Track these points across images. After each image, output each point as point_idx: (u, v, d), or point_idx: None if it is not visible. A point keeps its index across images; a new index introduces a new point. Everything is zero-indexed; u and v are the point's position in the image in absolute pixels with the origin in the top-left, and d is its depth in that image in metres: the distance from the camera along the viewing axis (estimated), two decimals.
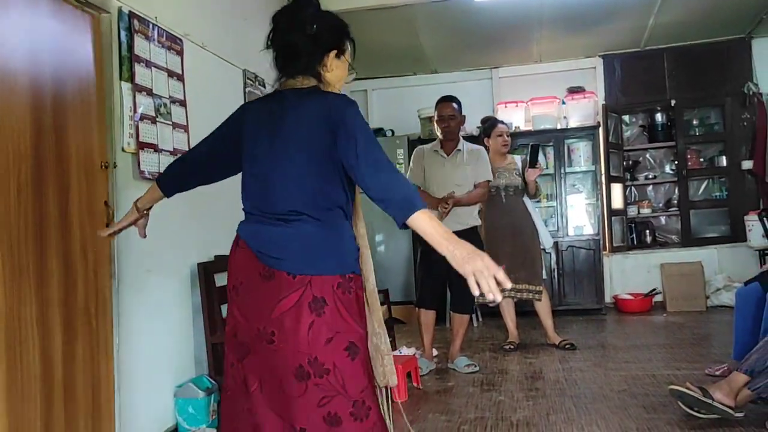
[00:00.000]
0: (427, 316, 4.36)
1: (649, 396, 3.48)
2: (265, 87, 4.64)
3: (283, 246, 1.79)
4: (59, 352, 2.55)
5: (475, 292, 1.58)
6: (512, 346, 4.84)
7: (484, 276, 1.57)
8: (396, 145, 6.46)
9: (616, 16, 5.75)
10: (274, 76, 1.93)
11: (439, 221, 1.74)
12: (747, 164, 6.46)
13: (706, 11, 5.78)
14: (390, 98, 7.11)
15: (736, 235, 6.33)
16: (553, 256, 6.24)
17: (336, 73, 1.93)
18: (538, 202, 5.49)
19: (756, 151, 6.39)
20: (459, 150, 4.33)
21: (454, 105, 4.32)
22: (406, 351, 4.51)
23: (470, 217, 4.31)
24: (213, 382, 3.43)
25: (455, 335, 4.40)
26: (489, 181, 4.38)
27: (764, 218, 4.67)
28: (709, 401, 3.00)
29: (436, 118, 4.39)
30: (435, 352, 4.59)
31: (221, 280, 3.73)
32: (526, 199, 4.88)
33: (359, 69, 2.01)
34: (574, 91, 6.60)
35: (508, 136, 4.90)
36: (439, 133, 4.39)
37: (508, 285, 1.57)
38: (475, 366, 4.27)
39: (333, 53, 1.90)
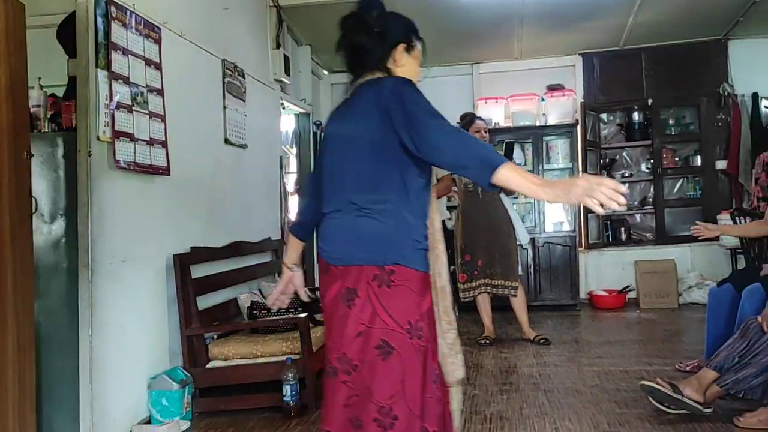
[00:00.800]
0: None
1: (621, 391, 3.52)
2: (244, 77, 4.61)
3: (332, 238, 1.80)
4: None
5: (600, 211, 1.49)
6: (488, 341, 4.87)
7: (595, 192, 1.47)
8: None
9: (596, 14, 5.79)
10: (347, 81, 1.95)
11: (524, 171, 1.64)
12: (721, 164, 6.56)
13: (683, 12, 5.84)
14: None
15: None
16: (530, 252, 6.29)
17: (408, 68, 1.92)
18: (515, 198, 5.51)
19: (730, 151, 6.48)
20: None
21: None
22: None
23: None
24: (187, 374, 3.42)
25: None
26: (451, 174, 4.33)
27: (736, 217, 4.73)
28: (679, 397, 3.05)
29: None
30: None
31: (197, 271, 3.71)
32: (503, 195, 4.90)
33: (341, 62, 2.01)
34: (554, 88, 6.64)
35: (486, 132, 4.92)
36: None
37: (622, 189, 1.48)
38: None
39: (401, 47, 1.90)
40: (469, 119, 4.99)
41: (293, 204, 6.12)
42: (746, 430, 2.84)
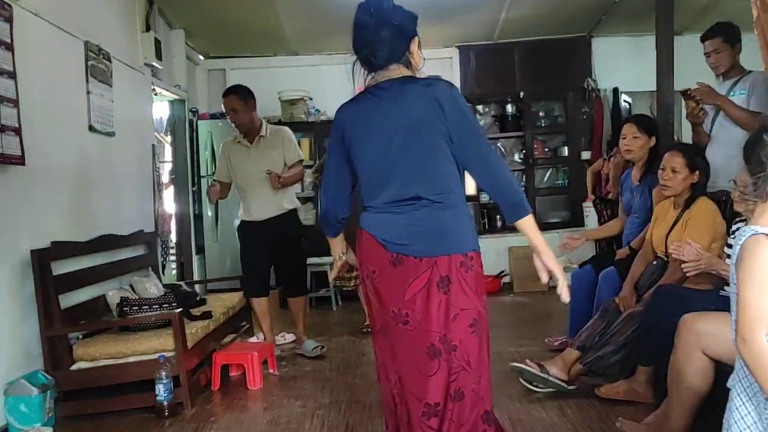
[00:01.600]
0: (261, 304, 4.30)
1: (494, 373, 3.56)
2: (110, 61, 4.34)
3: (407, 232, 1.91)
4: None
5: (544, 280, 1.98)
6: (370, 329, 4.90)
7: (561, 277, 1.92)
8: None
9: (472, 8, 5.94)
10: (366, 75, 2.02)
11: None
12: (585, 154, 6.97)
13: (551, 9, 6.12)
14: (249, 79, 6.79)
15: (576, 220, 6.83)
16: None
17: (416, 58, 2.04)
18: None
19: (593, 142, 6.91)
20: (262, 136, 4.22)
21: (237, 97, 4.14)
22: (288, 337, 4.53)
23: (288, 200, 4.26)
24: (49, 377, 3.19)
25: (297, 320, 4.37)
26: (301, 160, 4.30)
27: (598, 205, 5.06)
28: (546, 376, 3.22)
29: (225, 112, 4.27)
30: (280, 339, 4.57)
31: (60, 268, 3.47)
32: None
33: (218, 47, 1.94)
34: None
35: None
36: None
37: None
38: (323, 347, 4.26)
39: (416, 40, 2.02)
40: None
41: (168, 195, 5.87)
42: (605, 403, 3.04)
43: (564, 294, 1.92)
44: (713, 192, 3.41)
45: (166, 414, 3.21)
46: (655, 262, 3.33)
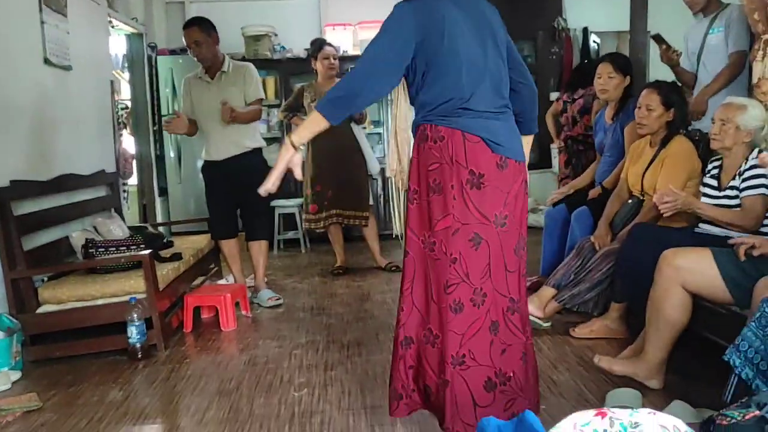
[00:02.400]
0: (229, 246, 4.18)
1: None
2: None
3: (507, 137, 2.00)
4: None
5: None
6: (341, 271, 4.89)
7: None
8: None
9: None
10: None
11: None
12: (554, 95, 6.91)
13: None
14: (211, 13, 6.43)
15: (543, 161, 6.84)
16: (380, 182, 6.34)
17: None
18: (364, 128, 5.49)
19: (562, 82, 6.86)
20: (224, 71, 4.00)
21: (199, 29, 3.90)
22: (231, 280, 4.39)
23: (250, 138, 4.05)
24: (14, 321, 3.09)
25: (256, 265, 4.20)
26: (261, 99, 4.09)
27: (571, 145, 5.05)
28: None
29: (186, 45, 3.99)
30: (250, 282, 4.48)
31: (20, 208, 3.32)
32: (353, 125, 4.82)
33: None
34: None
35: (335, 59, 4.77)
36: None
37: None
38: (279, 299, 4.11)
39: None
40: (317, 45, 4.81)
41: (127, 136, 5.65)
42: (580, 340, 3.10)
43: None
44: (689, 131, 3.43)
45: (139, 356, 3.15)
46: (630, 201, 3.34)
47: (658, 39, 3.82)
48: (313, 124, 1.98)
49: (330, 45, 4.87)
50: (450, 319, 1.94)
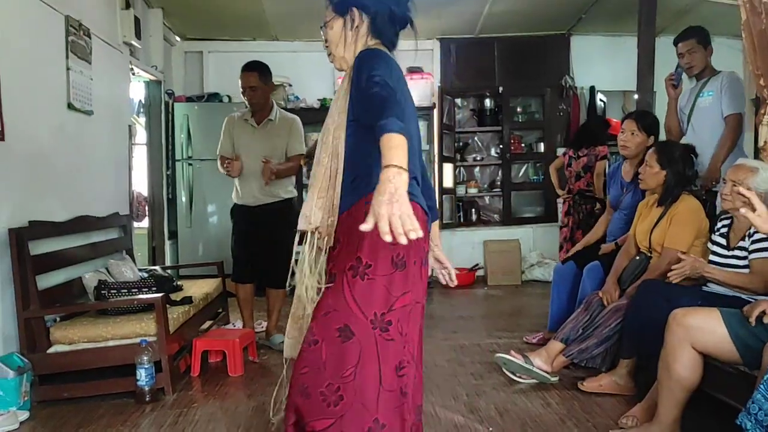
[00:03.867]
0: (246, 290, 4.22)
1: (476, 363, 3.70)
2: (90, 38, 4.21)
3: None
4: None
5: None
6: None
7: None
8: (232, 112, 6.18)
9: (456, 1, 5.95)
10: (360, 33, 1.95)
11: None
12: (561, 151, 7.04)
13: (533, 6, 6.16)
14: (227, 63, 6.79)
15: (549, 215, 6.91)
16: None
17: None
18: None
19: (569, 139, 6.98)
20: (270, 119, 4.09)
21: (258, 75, 4.00)
22: (239, 325, 4.41)
23: (284, 189, 4.11)
24: (25, 360, 3.10)
25: (272, 311, 4.24)
26: (302, 154, 4.15)
27: (578, 201, 5.13)
28: (530, 367, 3.26)
29: (240, 87, 4.08)
30: (259, 327, 4.50)
31: (36, 248, 3.37)
32: None
33: (196, 29, 1.90)
34: (413, 71, 6.74)
35: None
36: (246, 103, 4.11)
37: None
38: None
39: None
40: None
41: (138, 178, 5.73)
42: (588, 395, 3.09)
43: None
44: (695, 190, 3.50)
45: (147, 399, 3.15)
46: (638, 257, 3.38)
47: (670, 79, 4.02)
48: (403, 145, 1.54)
49: None
50: (402, 403, 1.78)
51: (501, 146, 7.15)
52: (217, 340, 3.78)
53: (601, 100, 7.13)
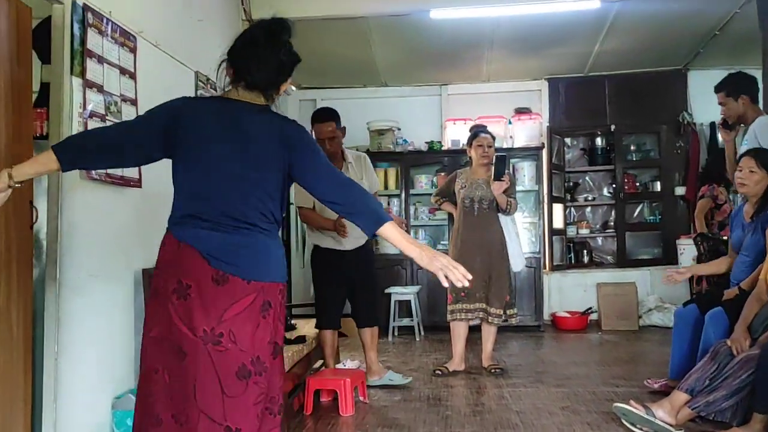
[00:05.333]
0: (331, 336, 4.21)
1: (592, 413, 3.55)
2: (216, 91, 4.52)
3: (237, 253, 1.90)
4: None
5: (445, 284, 1.85)
6: (441, 372, 4.52)
7: (450, 269, 1.83)
8: None
9: (564, 41, 5.92)
10: (224, 81, 2.05)
11: (402, 230, 1.96)
12: (680, 190, 6.75)
13: (647, 42, 6.03)
14: (339, 109, 7.00)
15: (668, 257, 6.59)
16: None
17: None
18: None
19: (688, 178, 6.69)
20: (350, 163, 4.13)
21: (334, 124, 4.01)
22: (350, 364, 4.47)
23: None
24: None
25: (369, 349, 4.18)
26: (377, 192, 4.17)
27: (698, 242, 4.87)
28: (652, 419, 3.09)
29: (314, 137, 3.97)
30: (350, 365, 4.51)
31: None
32: (503, 215, 4.58)
33: (310, 78, 2.05)
34: (521, 111, 6.75)
35: (489, 147, 4.61)
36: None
37: (469, 276, 1.84)
38: (409, 378, 4.25)
39: (288, 82, 2.08)
40: (473, 133, 4.73)
41: None
42: None
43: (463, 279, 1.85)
44: None
45: None
46: None
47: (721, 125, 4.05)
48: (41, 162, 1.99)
49: (485, 132, 4.74)
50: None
51: (613, 186, 6.94)
52: (329, 379, 3.85)
53: None
